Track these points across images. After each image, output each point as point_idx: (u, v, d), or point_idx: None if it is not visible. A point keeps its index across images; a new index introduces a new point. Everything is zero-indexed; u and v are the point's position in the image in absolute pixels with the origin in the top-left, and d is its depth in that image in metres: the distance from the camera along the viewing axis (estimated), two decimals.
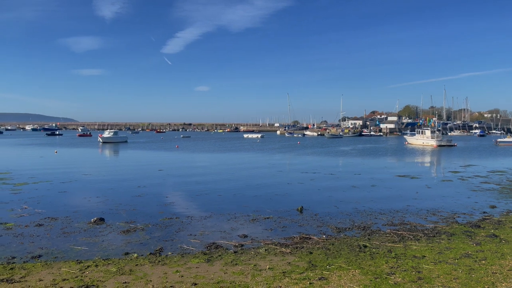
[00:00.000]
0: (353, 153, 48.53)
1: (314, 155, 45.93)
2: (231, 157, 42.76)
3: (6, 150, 51.52)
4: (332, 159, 40.12)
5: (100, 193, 18.61)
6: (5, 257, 9.48)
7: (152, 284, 7.48)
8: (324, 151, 51.66)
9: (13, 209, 14.86)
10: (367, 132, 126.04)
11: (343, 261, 8.87)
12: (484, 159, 40.19)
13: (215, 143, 72.29)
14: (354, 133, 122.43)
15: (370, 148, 58.76)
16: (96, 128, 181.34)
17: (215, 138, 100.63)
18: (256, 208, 15.36)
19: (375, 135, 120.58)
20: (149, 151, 51.67)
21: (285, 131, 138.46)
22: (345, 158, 41.75)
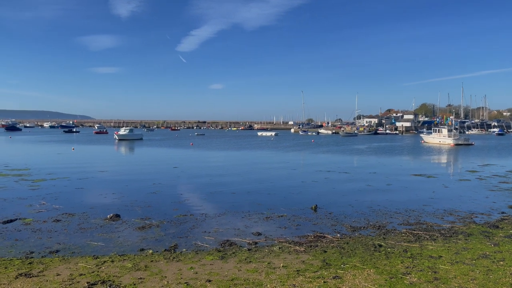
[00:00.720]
0: (368, 152, 48.09)
1: (329, 153, 45.67)
2: (245, 155, 42.82)
3: (25, 146, 52.58)
4: (346, 158, 39.82)
5: (116, 190, 18.85)
6: (24, 251, 9.69)
7: (167, 280, 7.54)
8: (338, 150, 51.32)
9: (32, 205, 15.16)
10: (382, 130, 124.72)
11: (357, 260, 8.80)
12: (503, 159, 39.38)
13: (229, 141, 72.49)
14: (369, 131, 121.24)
15: (385, 147, 58.14)
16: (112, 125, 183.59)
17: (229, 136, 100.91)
18: (270, 206, 15.36)
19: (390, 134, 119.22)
20: (164, 148, 52.10)
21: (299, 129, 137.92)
22: (360, 157, 41.39)
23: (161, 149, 50.00)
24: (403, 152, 47.88)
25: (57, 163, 31.56)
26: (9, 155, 38.28)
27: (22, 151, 45.24)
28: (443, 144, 62.14)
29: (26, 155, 39.59)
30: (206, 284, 7.35)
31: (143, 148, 52.14)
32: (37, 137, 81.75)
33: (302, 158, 40.37)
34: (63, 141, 66.87)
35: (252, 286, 7.22)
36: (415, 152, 48.85)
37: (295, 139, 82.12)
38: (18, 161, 31.86)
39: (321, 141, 73.99)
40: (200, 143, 63.82)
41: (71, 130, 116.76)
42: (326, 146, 60.07)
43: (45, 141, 65.20)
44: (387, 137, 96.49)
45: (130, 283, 7.41)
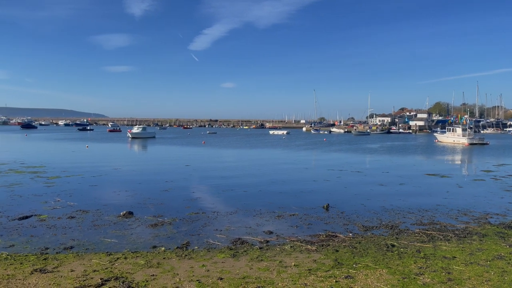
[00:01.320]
0: (381, 151, 47.69)
1: (341, 152, 45.42)
2: (256, 153, 42.83)
3: (40, 144, 53.42)
4: (359, 157, 39.56)
5: (129, 187, 19.04)
6: (39, 247, 9.86)
7: (179, 278, 7.60)
8: (351, 148, 51.01)
9: (47, 202, 15.41)
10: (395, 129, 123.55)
11: (370, 260, 8.74)
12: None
13: (241, 140, 72.61)
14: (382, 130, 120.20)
15: (398, 146, 57.58)
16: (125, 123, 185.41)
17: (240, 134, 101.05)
18: (282, 205, 15.35)
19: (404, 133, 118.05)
20: (176, 146, 52.42)
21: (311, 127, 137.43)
22: (372, 156, 41.07)
23: (174, 147, 50.32)
24: (416, 152, 47.36)
25: (71, 160, 32.01)
26: (25, 153, 38.94)
27: (38, 148, 45.97)
28: (457, 143, 61.29)
29: (42, 152, 40.21)
30: (218, 282, 7.39)
31: (156, 146, 52.54)
32: (52, 135, 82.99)
33: (314, 157, 40.23)
34: (78, 139, 67.76)
35: (263, 284, 7.23)
36: (428, 151, 48.28)
37: (307, 138, 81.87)
38: (34, 158, 32.39)
39: (333, 140, 73.61)
40: (212, 142, 64.05)
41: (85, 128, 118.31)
42: (338, 145, 59.76)
43: (60, 139, 66.15)
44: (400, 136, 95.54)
45: (143, 279, 7.48)
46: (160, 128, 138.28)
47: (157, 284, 7.24)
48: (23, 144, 53.03)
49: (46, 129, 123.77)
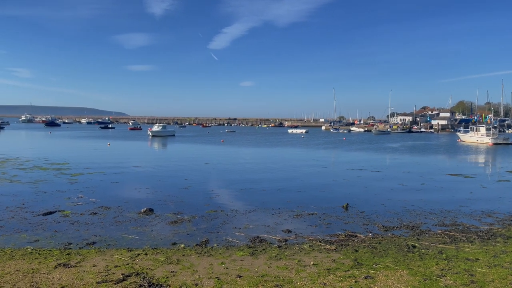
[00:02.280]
0: (402, 150, 46.96)
1: (361, 151, 44.93)
2: (275, 152, 42.79)
3: (64, 142, 54.67)
4: (379, 156, 39.06)
5: (150, 185, 19.30)
6: (63, 242, 10.10)
7: (198, 275, 7.66)
8: (371, 148, 50.40)
9: (70, 198, 15.77)
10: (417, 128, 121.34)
11: (390, 261, 8.63)
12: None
13: (259, 138, 72.65)
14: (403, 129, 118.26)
15: (420, 145, 56.59)
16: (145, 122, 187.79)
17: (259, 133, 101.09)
18: (300, 204, 15.30)
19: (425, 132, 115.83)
20: (196, 144, 52.84)
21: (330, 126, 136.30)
22: (393, 155, 40.49)
23: (193, 146, 50.74)
24: (438, 151, 46.44)
25: (93, 158, 32.65)
26: (49, 150, 39.91)
27: (61, 146, 47.06)
28: (481, 143, 59.80)
29: (65, 150, 41.15)
30: (237, 279, 7.42)
31: (176, 144, 53.08)
32: (75, 132, 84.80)
33: (333, 156, 39.93)
34: (99, 136, 69.04)
35: (282, 283, 7.22)
36: (451, 151, 47.27)
37: (326, 137, 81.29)
38: (57, 155, 33.18)
39: (352, 139, 72.87)
40: (230, 140, 64.30)
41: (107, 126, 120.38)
42: (358, 144, 59.13)
43: (82, 137, 67.55)
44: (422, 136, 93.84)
45: (163, 276, 7.58)
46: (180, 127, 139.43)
47: (177, 281, 7.32)
48: (47, 142, 54.36)
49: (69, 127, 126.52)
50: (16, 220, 12.24)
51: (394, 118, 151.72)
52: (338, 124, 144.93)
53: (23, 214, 12.95)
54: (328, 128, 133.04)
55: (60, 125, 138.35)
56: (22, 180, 19.97)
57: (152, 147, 48.97)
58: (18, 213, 13.06)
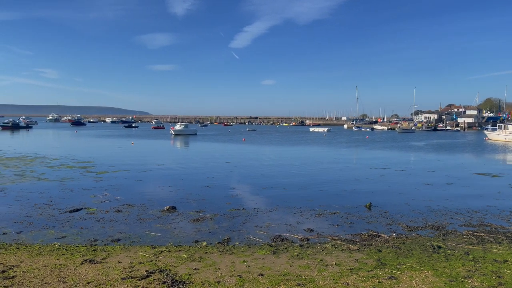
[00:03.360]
0: (427, 149, 46.00)
1: (384, 150, 44.25)
2: (296, 150, 42.61)
3: (89, 140, 55.95)
4: (403, 155, 38.38)
5: (172, 183, 19.54)
6: (89, 239, 10.35)
7: (221, 272, 7.72)
8: (394, 146, 49.57)
9: (95, 195, 16.13)
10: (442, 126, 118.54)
11: (414, 261, 8.47)
12: None
13: (281, 137, 72.50)
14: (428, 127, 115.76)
15: (445, 144, 55.29)
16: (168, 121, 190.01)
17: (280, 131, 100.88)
18: (322, 203, 15.19)
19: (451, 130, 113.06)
20: (217, 143, 53.17)
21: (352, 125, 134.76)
22: (417, 154, 39.71)
23: (215, 144, 51.07)
24: (465, 150, 45.27)
25: (118, 156, 33.30)
26: (75, 149, 40.92)
27: (87, 144, 48.18)
28: (510, 141, 57.96)
29: (90, 148, 42.11)
30: (259, 278, 7.43)
31: (198, 143, 53.55)
32: (100, 131, 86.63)
33: (355, 154, 39.47)
34: (123, 135, 70.34)
35: (304, 282, 7.19)
36: (478, 150, 45.99)
37: (348, 135, 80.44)
38: (83, 154, 33.99)
39: (376, 138, 71.85)
40: (252, 139, 64.41)
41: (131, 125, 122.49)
42: (381, 142, 58.26)
43: (107, 136, 68.96)
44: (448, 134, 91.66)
45: (186, 273, 7.66)
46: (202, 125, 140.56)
47: (199, 278, 7.39)
48: (73, 141, 55.75)
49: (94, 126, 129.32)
50: (44, 216, 12.61)
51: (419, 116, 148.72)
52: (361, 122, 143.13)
53: (51, 211, 13.33)
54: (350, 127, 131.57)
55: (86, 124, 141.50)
56: (49, 178, 20.55)
57: (175, 145, 49.56)
58: (46, 210, 13.45)
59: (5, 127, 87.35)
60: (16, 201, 14.88)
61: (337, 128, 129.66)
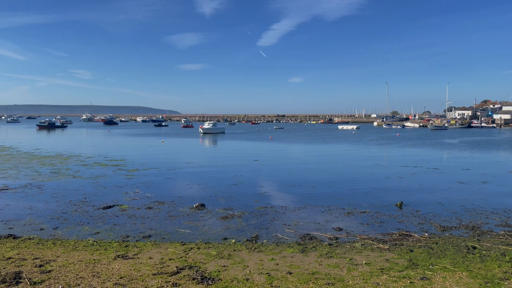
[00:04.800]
0: (461, 146, 44.55)
1: (416, 147, 43.17)
2: (325, 148, 42.21)
3: (121, 139, 57.38)
4: (436, 153, 37.32)
5: (201, 181, 19.78)
6: (121, 235, 10.62)
7: (249, 270, 7.75)
8: (426, 144, 48.28)
9: (127, 193, 16.53)
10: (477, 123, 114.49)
11: (448, 262, 8.23)
12: None
13: (309, 135, 72.01)
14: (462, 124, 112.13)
15: (480, 141, 53.39)
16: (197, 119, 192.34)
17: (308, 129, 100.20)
18: (351, 202, 14.99)
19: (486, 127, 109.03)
20: (245, 141, 53.37)
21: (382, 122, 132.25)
22: (451, 152, 38.53)
23: (242, 142, 51.29)
24: (501, 147, 43.55)
25: (148, 154, 34.00)
26: (108, 147, 42.07)
27: (119, 143, 49.43)
28: None
29: (122, 147, 43.19)
30: (287, 276, 7.42)
31: (226, 141, 53.94)
32: (131, 130, 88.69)
33: (386, 152, 38.71)
34: (154, 134, 71.72)
35: (333, 281, 7.12)
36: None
37: (378, 133, 78.96)
38: (115, 152, 34.90)
39: (407, 135, 70.20)
40: (279, 137, 64.29)
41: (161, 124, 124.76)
42: (413, 140, 56.86)
43: (138, 134, 70.52)
44: (483, 131, 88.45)
45: (215, 270, 7.74)
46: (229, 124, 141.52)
47: (228, 275, 7.45)
48: (106, 139, 57.30)
49: (125, 125, 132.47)
50: (78, 213, 13.04)
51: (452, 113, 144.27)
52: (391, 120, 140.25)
53: (85, 208, 13.77)
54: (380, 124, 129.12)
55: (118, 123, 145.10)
56: (84, 175, 21.23)
57: (203, 144, 50.11)
58: (80, 207, 13.91)
59: (41, 127, 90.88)
60: (52, 198, 15.45)
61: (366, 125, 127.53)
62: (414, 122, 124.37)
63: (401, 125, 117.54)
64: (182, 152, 37.50)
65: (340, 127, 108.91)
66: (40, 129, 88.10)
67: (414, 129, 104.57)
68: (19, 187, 17.67)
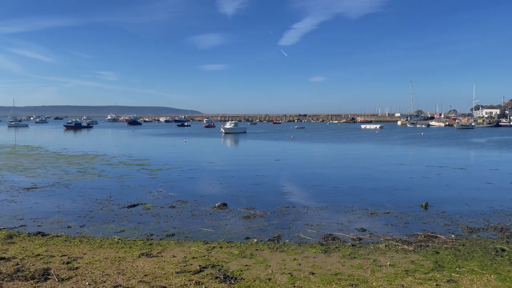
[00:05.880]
0: (489, 146, 43.28)
1: (441, 147, 42.20)
2: (347, 148, 41.77)
3: (145, 139, 58.31)
4: (462, 152, 36.39)
5: (223, 180, 19.89)
6: (145, 233, 10.79)
7: (271, 270, 7.75)
8: (453, 143, 47.14)
9: (151, 192, 16.79)
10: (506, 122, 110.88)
11: (475, 264, 8.02)
12: None
13: (331, 134, 71.39)
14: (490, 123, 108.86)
15: (509, 140, 51.72)
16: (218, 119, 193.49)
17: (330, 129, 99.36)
18: (375, 202, 14.78)
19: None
20: (266, 141, 53.36)
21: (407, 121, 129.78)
22: (478, 151, 37.50)
23: (264, 142, 51.30)
24: None
25: (171, 154, 34.43)
26: (132, 147, 42.82)
27: (143, 143, 50.24)
28: None
29: (146, 147, 43.86)
30: (310, 276, 7.38)
31: (247, 141, 54.07)
32: (155, 130, 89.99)
33: (410, 152, 37.99)
34: (176, 134, 72.58)
35: (356, 282, 7.04)
36: None
37: (402, 132, 77.58)
38: (139, 152, 35.49)
39: (432, 134, 68.71)
40: (301, 136, 63.98)
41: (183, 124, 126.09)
42: (438, 139, 55.61)
43: (161, 134, 71.51)
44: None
45: (237, 269, 7.77)
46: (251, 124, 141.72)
47: (250, 274, 7.47)
48: (130, 139, 58.33)
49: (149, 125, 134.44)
50: (104, 211, 13.33)
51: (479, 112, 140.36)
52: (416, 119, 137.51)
53: (110, 206, 14.06)
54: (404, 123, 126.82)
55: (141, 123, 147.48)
56: (109, 174, 21.67)
57: (225, 144, 50.38)
58: (106, 205, 14.21)
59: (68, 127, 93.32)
60: (79, 196, 15.84)
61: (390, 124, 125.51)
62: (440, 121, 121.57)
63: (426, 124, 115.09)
64: (204, 152, 37.81)
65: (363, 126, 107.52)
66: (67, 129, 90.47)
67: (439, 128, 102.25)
68: (47, 186, 18.20)
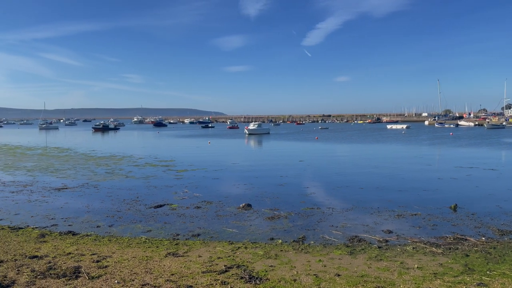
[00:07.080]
0: None
1: (471, 147, 41.03)
2: (373, 148, 41.16)
3: (170, 140, 59.19)
4: (493, 152, 35.27)
5: (247, 181, 19.97)
6: (172, 233, 10.97)
7: (296, 271, 7.73)
8: (483, 143, 45.75)
9: (177, 192, 17.03)
10: None
11: (507, 268, 7.77)
12: None
13: (355, 135, 70.52)
14: None
15: None
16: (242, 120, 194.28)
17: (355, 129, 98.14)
18: (402, 204, 14.52)
19: None
20: (290, 142, 53.21)
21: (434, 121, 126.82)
22: (510, 152, 36.24)
23: (287, 143, 51.18)
24: None
25: (196, 155, 34.82)
26: (158, 148, 43.53)
27: (168, 144, 51.00)
28: None
29: (171, 148, 44.51)
30: (335, 278, 7.32)
31: (271, 141, 54.06)
32: (180, 132, 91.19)
33: (438, 152, 37.11)
34: (201, 135, 73.32)
35: (383, 285, 6.94)
36: None
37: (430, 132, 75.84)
38: (165, 153, 36.04)
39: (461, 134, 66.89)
40: (325, 137, 63.47)
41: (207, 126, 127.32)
42: (468, 139, 54.08)
43: (186, 136, 72.40)
44: None
45: (262, 269, 7.80)
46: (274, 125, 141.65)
47: (275, 275, 7.48)
48: (156, 141, 59.31)
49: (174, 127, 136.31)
50: (132, 211, 13.61)
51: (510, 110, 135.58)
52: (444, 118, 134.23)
53: (138, 207, 14.35)
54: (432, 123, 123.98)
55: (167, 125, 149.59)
56: (136, 175, 22.12)
57: (249, 145, 50.54)
58: (133, 206, 14.51)
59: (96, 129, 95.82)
60: (107, 197, 16.24)
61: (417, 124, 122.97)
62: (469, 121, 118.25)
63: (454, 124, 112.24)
64: (228, 153, 38.05)
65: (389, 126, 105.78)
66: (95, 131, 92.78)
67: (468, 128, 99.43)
68: (77, 186, 18.73)
